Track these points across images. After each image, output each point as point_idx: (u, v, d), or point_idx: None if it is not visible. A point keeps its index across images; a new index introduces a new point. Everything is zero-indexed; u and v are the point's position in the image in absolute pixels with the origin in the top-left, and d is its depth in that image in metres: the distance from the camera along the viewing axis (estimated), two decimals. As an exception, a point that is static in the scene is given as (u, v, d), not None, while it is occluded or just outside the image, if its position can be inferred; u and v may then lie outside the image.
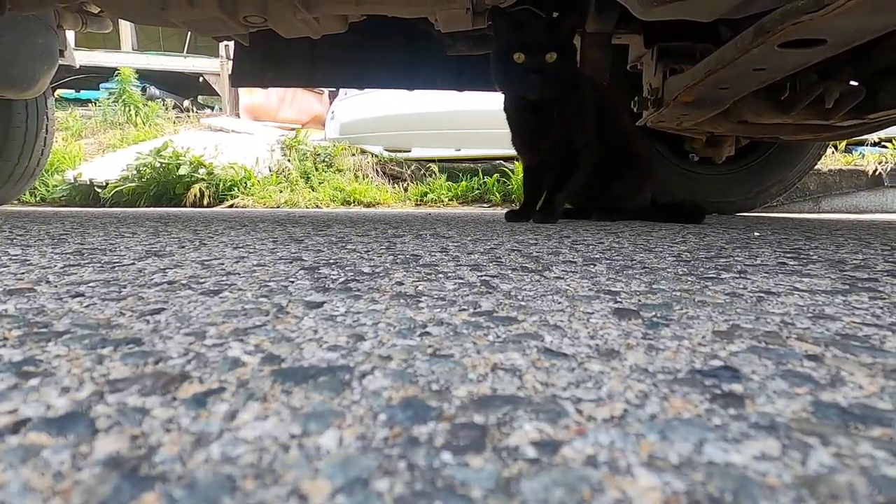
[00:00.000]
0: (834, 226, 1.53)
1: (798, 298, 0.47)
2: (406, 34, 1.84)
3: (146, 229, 1.19)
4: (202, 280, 0.54)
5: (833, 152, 3.48)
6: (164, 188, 3.54)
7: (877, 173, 3.25)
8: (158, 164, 3.56)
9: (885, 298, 0.47)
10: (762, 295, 0.48)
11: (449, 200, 3.56)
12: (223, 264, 0.65)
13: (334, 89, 5.13)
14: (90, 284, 0.51)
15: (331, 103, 5.13)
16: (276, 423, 0.23)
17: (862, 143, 3.55)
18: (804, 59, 1.00)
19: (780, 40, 0.91)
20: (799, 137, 1.73)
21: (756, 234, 1.16)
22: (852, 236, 1.12)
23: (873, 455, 0.20)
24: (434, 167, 3.79)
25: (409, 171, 3.86)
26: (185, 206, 3.46)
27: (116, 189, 3.54)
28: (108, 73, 5.77)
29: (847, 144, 3.56)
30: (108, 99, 5.50)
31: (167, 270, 0.60)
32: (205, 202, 3.50)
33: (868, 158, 3.38)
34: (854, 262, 0.70)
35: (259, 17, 1.28)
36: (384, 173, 3.96)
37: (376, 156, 4.02)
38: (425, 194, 3.60)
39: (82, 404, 0.24)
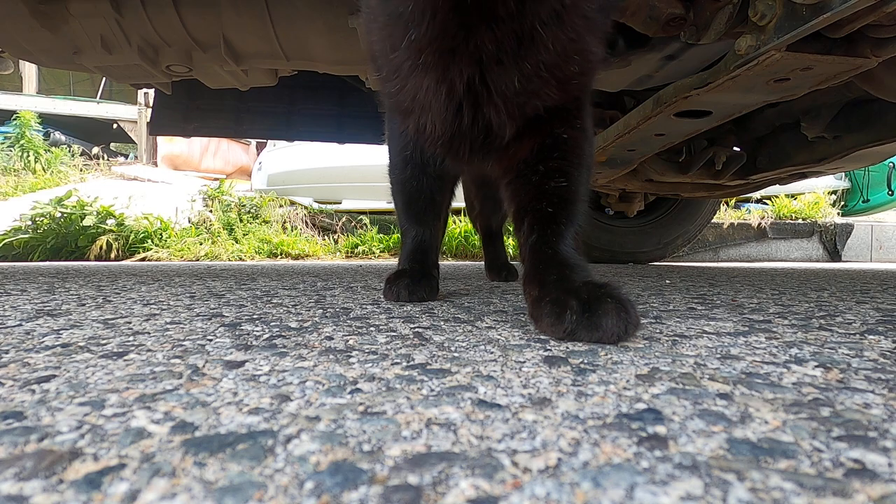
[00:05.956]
0: (731, 273, 1.70)
1: (707, 341, 0.50)
2: (337, 89, 1.88)
3: (38, 286, 1.07)
4: (104, 341, 0.49)
5: (725, 208, 3.93)
6: (63, 240, 3.22)
7: (761, 227, 3.70)
8: (59, 214, 3.26)
9: (778, 338, 0.52)
10: (676, 338, 0.51)
11: (381, 252, 3.54)
12: (130, 323, 0.59)
13: (262, 140, 5.05)
14: (-38, 350, 0.44)
15: (258, 154, 5.03)
16: (185, 500, 0.20)
17: (748, 201, 4.06)
18: (696, 126, 1.15)
19: (674, 110, 1.04)
20: (696, 195, 1.95)
21: (667, 281, 1.25)
22: (747, 282, 1.24)
23: (783, 487, 0.21)
24: (365, 219, 3.79)
25: (339, 223, 3.82)
26: (88, 259, 3.16)
27: (4, 241, 3.17)
28: (5, 117, 5.31)
29: (736, 201, 4.04)
30: (3, 143, 5.02)
31: (61, 332, 0.54)
32: (112, 255, 3.21)
33: (753, 214, 3.86)
34: (751, 305, 0.78)
35: (183, 67, 1.24)
36: (314, 225, 3.89)
37: (306, 207, 3.95)
38: (356, 246, 3.56)
39: (-62, 496, 0.20)
